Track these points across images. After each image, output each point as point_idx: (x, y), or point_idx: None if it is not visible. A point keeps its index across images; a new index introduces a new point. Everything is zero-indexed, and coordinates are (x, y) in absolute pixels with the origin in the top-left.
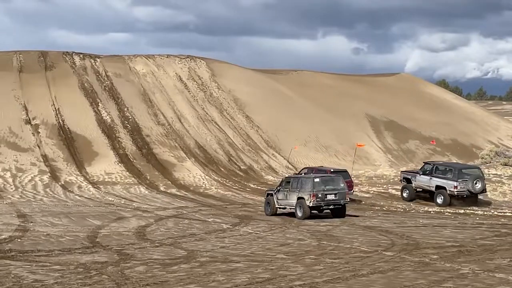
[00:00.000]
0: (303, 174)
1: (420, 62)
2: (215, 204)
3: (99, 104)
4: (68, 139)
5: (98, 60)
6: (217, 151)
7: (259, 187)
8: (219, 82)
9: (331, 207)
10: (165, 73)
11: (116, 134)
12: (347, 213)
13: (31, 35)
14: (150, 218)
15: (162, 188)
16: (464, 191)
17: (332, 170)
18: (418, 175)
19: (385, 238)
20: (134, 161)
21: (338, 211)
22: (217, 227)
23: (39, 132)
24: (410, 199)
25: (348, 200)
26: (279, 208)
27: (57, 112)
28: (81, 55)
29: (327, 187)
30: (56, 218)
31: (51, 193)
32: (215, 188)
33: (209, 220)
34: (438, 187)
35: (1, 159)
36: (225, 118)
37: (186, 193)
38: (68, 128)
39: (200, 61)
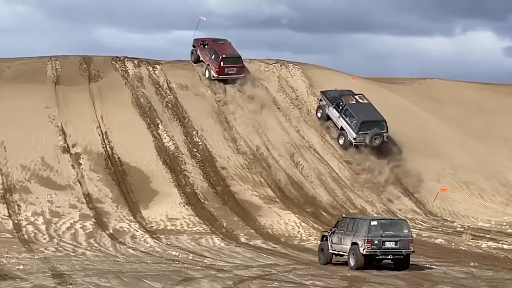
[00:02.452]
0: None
1: None
2: (314, 261)
3: (160, 126)
4: (118, 173)
5: (158, 67)
6: (317, 189)
7: None
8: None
9: (389, 257)
10: (247, 83)
11: (182, 166)
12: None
13: (71, 35)
14: (227, 280)
15: (243, 239)
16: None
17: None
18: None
19: None
20: (206, 202)
21: (400, 262)
22: None
23: (81, 164)
24: None
25: (413, 250)
26: (334, 254)
27: (104, 137)
28: (136, 61)
29: (386, 232)
30: (103, 278)
31: (96, 245)
32: (315, 240)
33: (307, 283)
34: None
35: (31, 199)
36: (328, 144)
37: (276, 246)
38: (118, 158)
39: (294, 67)
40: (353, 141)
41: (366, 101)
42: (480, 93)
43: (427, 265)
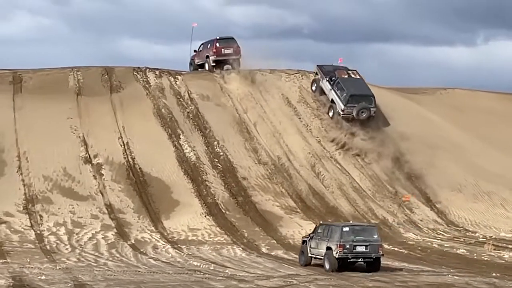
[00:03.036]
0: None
1: None
2: (336, 272)
3: (181, 136)
4: (140, 184)
5: (179, 77)
6: (339, 200)
7: (395, 249)
8: None
9: (360, 260)
10: (268, 93)
11: (203, 177)
12: None
13: (93, 46)
14: None
15: (264, 250)
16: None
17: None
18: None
19: None
20: (227, 212)
21: (371, 265)
22: None
23: (103, 174)
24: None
25: (382, 254)
26: (312, 257)
27: (126, 147)
28: (157, 72)
29: (357, 237)
30: None
31: (117, 255)
32: None
33: None
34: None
35: (53, 210)
36: (349, 154)
37: (297, 256)
38: (140, 168)
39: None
40: (341, 112)
41: (358, 77)
42: (502, 103)
43: (449, 276)
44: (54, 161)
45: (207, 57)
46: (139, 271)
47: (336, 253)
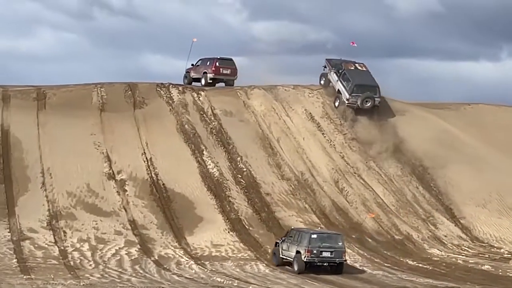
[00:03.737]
0: None
1: None
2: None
3: (204, 152)
4: (163, 200)
5: (202, 93)
6: (362, 215)
7: (420, 265)
8: (364, 121)
9: (325, 264)
10: (291, 109)
11: (227, 192)
12: None
13: (116, 61)
14: None
15: (287, 266)
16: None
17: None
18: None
19: None
20: (251, 228)
21: (335, 268)
22: None
23: (126, 190)
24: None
25: (345, 259)
26: (283, 259)
27: (149, 163)
28: (180, 88)
29: (323, 244)
30: None
31: (141, 271)
32: (360, 266)
33: None
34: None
35: (77, 226)
36: (373, 170)
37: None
38: (163, 184)
39: None
40: (346, 102)
41: (365, 69)
42: None
43: None
44: (78, 177)
45: (205, 73)
46: (162, 287)
47: (305, 257)
